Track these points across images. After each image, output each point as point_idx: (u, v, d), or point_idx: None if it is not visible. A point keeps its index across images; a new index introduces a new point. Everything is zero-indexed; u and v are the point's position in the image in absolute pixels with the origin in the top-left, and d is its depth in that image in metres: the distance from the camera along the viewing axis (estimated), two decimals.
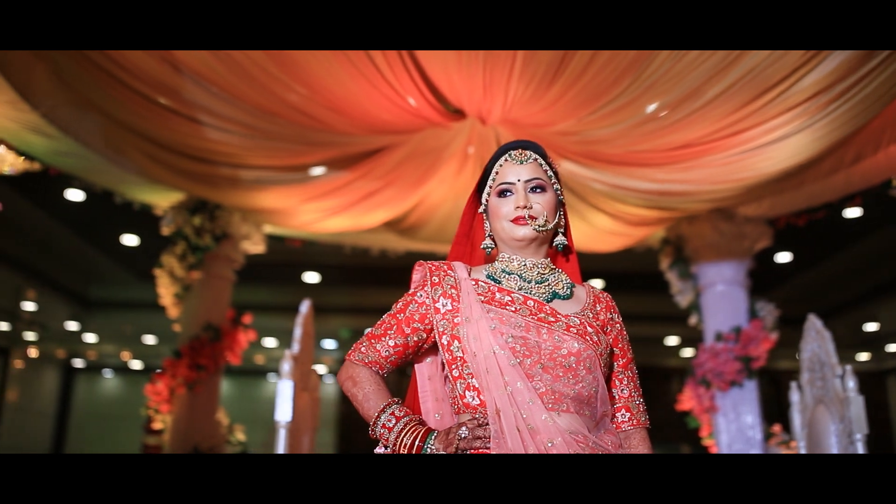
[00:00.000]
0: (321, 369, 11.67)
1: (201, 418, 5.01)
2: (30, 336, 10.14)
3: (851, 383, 3.20)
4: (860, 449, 3.10)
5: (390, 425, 1.41)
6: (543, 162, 1.54)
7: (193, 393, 4.97)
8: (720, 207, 5.04)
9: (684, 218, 5.24)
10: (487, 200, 1.54)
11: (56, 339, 10.77)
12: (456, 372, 1.43)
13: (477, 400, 1.40)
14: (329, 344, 11.28)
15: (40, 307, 9.20)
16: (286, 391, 3.32)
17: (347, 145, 4.25)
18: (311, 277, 8.69)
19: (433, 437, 1.37)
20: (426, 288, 1.50)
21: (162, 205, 5.23)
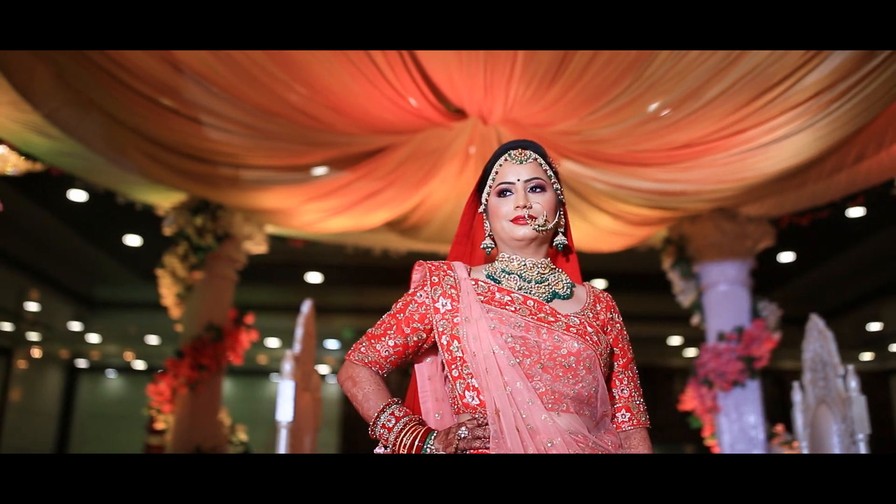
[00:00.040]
0: (324, 369, 11.66)
1: (203, 418, 5.02)
2: (33, 336, 10.16)
3: (853, 383, 3.19)
4: (862, 449, 3.09)
5: (390, 425, 1.40)
6: (543, 161, 1.53)
7: (195, 393, 4.98)
8: (722, 207, 5.04)
9: (686, 217, 5.23)
10: (487, 200, 1.54)
11: (59, 340, 10.79)
12: (455, 372, 1.43)
13: (476, 400, 1.39)
14: (332, 344, 11.28)
15: (44, 307, 9.23)
16: (287, 391, 3.32)
17: (348, 145, 4.25)
18: (314, 277, 8.70)
19: (433, 437, 1.36)
20: (426, 288, 1.50)
21: (164, 205, 5.24)
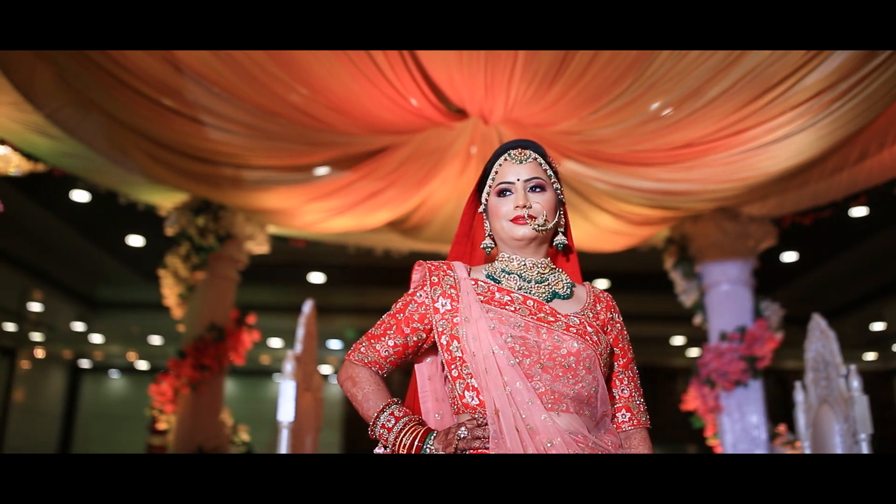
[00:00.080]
0: (326, 370, 11.66)
1: (205, 418, 5.02)
2: (36, 337, 10.18)
3: (856, 383, 3.19)
4: (865, 449, 3.09)
5: (389, 425, 1.40)
6: (543, 161, 1.53)
7: (197, 393, 4.98)
8: (724, 207, 5.03)
9: (688, 217, 5.23)
10: (487, 200, 1.54)
11: (62, 340, 10.81)
12: (455, 372, 1.43)
13: (476, 400, 1.39)
14: (334, 344, 11.28)
15: (46, 308, 9.24)
16: (288, 391, 3.33)
17: (350, 145, 4.25)
18: (317, 278, 8.70)
19: (432, 438, 1.36)
20: (425, 288, 1.49)
21: (166, 205, 5.24)
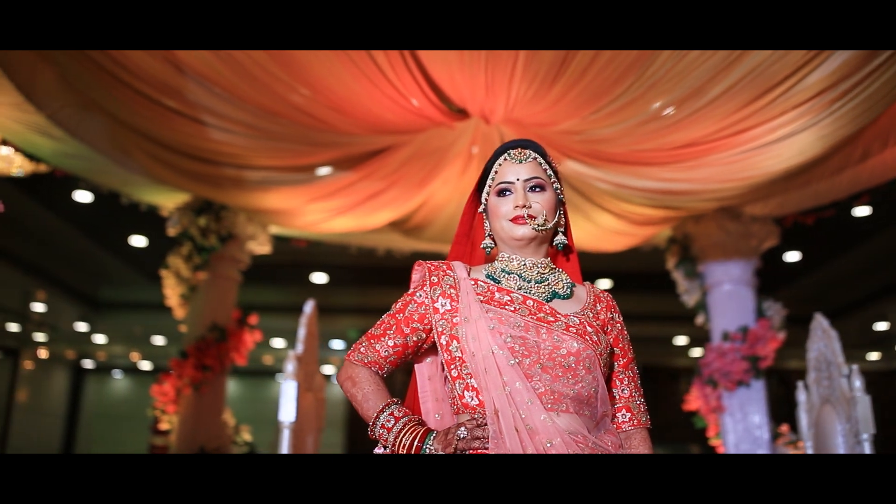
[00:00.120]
0: (329, 370, 11.66)
1: (207, 419, 5.02)
2: (39, 337, 10.20)
3: (858, 383, 3.18)
4: (867, 449, 3.08)
5: (389, 426, 1.40)
6: (543, 161, 1.53)
7: (199, 393, 4.99)
8: (726, 206, 5.02)
9: (690, 217, 5.22)
10: (487, 200, 1.54)
11: (65, 340, 10.84)
12: (455, 372, 1.42)
13: (476, 400, 1.39)
14: (337, 344, 11.28)
15: (50, 308, 9.26)
16: (290, 392, 3.33)
17: (351, 145, 4.25)
18: (319, 278, 8.71)
19: (432, 438, 1.36)
20: (425, 288, 1.49)
21: (168, 206, 5.25)
